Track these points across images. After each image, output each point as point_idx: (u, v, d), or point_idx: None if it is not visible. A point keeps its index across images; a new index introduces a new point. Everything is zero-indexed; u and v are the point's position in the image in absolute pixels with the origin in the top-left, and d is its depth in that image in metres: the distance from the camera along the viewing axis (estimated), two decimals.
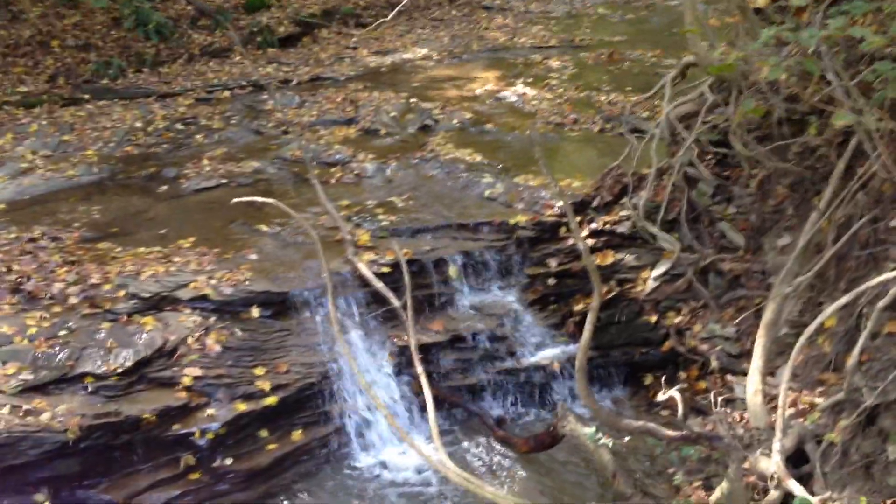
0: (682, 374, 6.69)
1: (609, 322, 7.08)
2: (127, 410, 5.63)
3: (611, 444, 5.74)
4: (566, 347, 7.15)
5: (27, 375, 5.47)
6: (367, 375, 6.46)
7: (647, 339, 7.10)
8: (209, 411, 5.95)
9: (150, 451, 5.81)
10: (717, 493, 4.99)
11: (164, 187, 8.47)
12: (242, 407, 6.03)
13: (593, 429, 5.85)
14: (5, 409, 5.20)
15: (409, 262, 6.76)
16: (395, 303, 6.49)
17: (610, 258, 7.14)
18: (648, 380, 6.99)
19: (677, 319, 6.84)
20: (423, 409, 6.74)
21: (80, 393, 5.59)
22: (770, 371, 5.38)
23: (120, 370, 5.72)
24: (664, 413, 6.57)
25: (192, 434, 5.85)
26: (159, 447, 5.83)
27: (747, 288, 6.42)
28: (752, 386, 5.11)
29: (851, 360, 4.72)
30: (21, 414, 5.24)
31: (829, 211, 5.35)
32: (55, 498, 5.35)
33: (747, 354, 5.71)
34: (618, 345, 7.20)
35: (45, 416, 5.28)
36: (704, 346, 6.46)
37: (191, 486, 5.88)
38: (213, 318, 6.32)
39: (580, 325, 6.38)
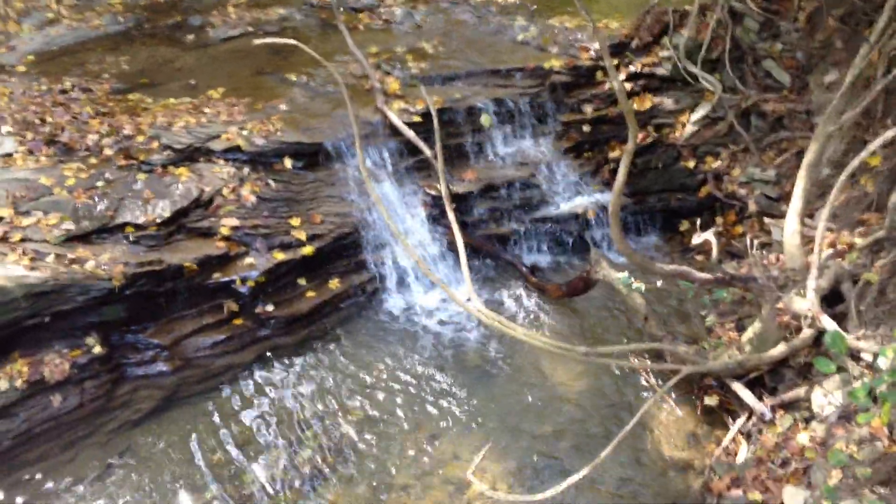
0: (719, 220, 6.64)
1: (645, 168, 6.97)
2: (168, 259, 5.75)
3: (643, 289, 5.78)
4: (600, 195, 7.10)
5: (69, 225, 5.58)
6: (400, 225, 6.50)
7: (684, 184, 7.00)
8: (248, 260, 6.07)
9: (193, 298, 5.99)
10: (748, 333, 5.03)
11: (191, 36, 8.29)
12: (280, 256, 6.14)
13: (626, 274, 5.89)
14: (50, 258, 5.34)
15: (440, 111, 6.63)
16: (427, 152, 6.41)
17: (648, 102, 6.92)
18: (684, 226, 6.95)
19: (716, 164, 6.70)
20: (456, 257, 6.84)
21: (121, 242, 5.72)
22: (809, 213, 5.29)
23: (159, 220, 5.82)
24: (698, 258, 6.57)
25: (233, 282, 6.00)
26: (202, 294, 6.01)
27: (790, 129, 6.21)
28: (789, 227, 5.03)
29: (894, 198, 4.60)
30: (66, 262, 5.38)
31: (881, 41, 5.04)
32: (105, 342, 5.59)
33: (786, 197, 5.62)
34: (654, 191, 7.12)
35: (89, 265, 5.42)
36: (743, 191, 6.35)
37: (235, 331, 6.10)
38: (246, 170, 6.34)
39: (615, 173, 6.25)
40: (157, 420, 5.60)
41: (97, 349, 5.49)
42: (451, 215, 5.61)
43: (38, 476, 5.14)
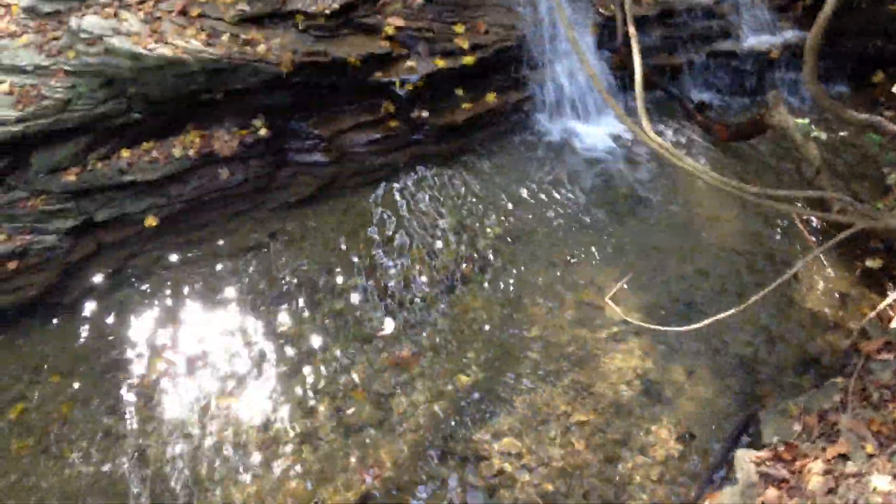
0: None
1: (844, 6, 6.23)
2: (334, 52, 5.78)
3: (822, 138, 5.37)
4: (789, 34, 6.50)
5: (244, 6, 5.65)
6: (566, 46, 6.21)
7: (887, 29, 6.28)
8: (409, 63, 6.03)
9: (354, 94, 6.06)
10: None
11: None
12: (441, 63, 6.04)
13: (806, 120, 5.46)
14: (226, 37, 5.46)
15: None
16: None
17: None
18: (878, 77, 6.31)
19: None
20: (620, 84, 6.53)
21: (291, 30, 5.77)
22: None
23: (328, 11, 5.80)
24: (888, 114, 5.99)
25: (393, 83, 5.99)
26: (362, 92, 6.06)
27: None
28: None
29: None
30: (240, 43, 5.49)
31: None
32: (271, 126, 5.79)
33: None
34: (850, 33, 6.42)
35: (261, 48, 5.52)
36: None
37: (390, 133, 6.16)
38: None
39: (809, 10, 5.71)
40: (312, 206, 5.87)
41: (263, 131, 5.71)
42: (632, 30, 5.19)
43: (205, 240, 5.56)
